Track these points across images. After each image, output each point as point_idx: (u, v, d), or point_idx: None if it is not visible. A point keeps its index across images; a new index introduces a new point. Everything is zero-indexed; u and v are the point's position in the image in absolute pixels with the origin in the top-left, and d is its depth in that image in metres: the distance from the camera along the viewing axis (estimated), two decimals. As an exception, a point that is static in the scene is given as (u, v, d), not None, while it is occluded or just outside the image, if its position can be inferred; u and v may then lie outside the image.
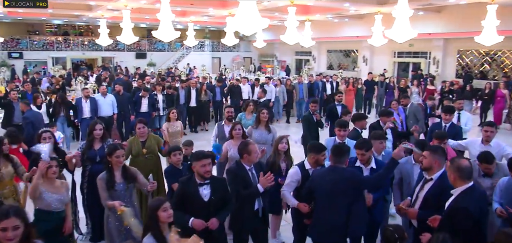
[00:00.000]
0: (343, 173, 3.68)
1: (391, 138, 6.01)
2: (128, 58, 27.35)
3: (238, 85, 12.18)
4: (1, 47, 24.02)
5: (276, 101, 12.47)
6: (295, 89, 12.72)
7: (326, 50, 26.13)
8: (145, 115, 9.45)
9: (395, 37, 11.09)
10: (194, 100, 10.95)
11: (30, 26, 27.67)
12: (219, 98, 11.66)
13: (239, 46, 31.42)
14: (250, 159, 3.97)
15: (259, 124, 5.91)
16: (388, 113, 6.27)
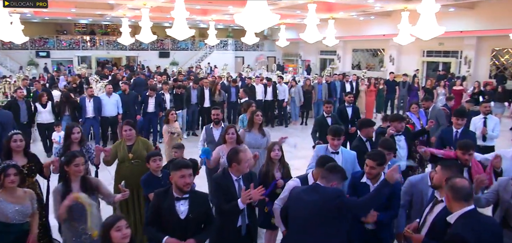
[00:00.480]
0: (326, 194, 2.99)
1: (404, 145, 5.35)
2: (152, 57, 27.47)
3: (252, 85, 11.70)
4: (30, 46, 24.59)
5: (292, 102, 11.94)
6: (314, 90, 12.14)
7: (351, 49, 25.27)
8: (152, 115, 9.21)
9: (420, 35, 10.43)
10: (208, 100, 10.59)
11: (58, 26, 28.29)
12: (234, 99, 11.18)
13: (263, 45, 31.02)
14: (239, 168, 3.51)
15: (252, 126, 5.47)
16: (399, 118, 5.53)
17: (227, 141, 4.67)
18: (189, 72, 21.80)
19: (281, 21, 22.58)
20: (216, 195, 3.51)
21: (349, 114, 7.58)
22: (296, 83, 12.09)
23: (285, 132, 11.26)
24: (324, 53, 27.41)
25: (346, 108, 7.65)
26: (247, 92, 10.13)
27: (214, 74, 22.36)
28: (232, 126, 4.79)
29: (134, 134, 4.73)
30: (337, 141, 4.25)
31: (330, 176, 3.08)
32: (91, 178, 3.73)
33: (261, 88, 11.64)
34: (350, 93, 8.07)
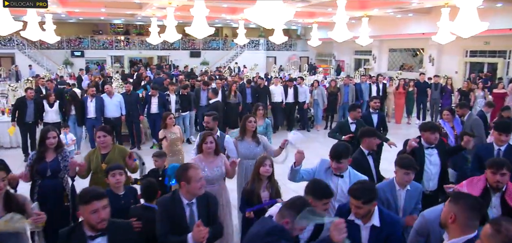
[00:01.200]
0: (262, 230, 2.35)
1: (437, 161, 4.31)
2: (183, 56, 27.42)
3: (265, 86, 10.96)
4: (65, 46, 25.21)
5: (315, 105, 11.12)
6: (340, 92, 11.26)
7: (388, 49, 23.92)
8: (156, 116, 8.77)
9: (459, 31, 9.34)
10: None
11: (94, 26, 28.89)
12: (250, 100, 10.50)
13: (296, 45, 30.21)
14: (189, 189, 2.83)
15: (245, 134, 4.82)
16: (433, 128, 4.41)
17: (204, 151, 4.03)
18: (214, 71, 21.45)
19: (313, 20, 21.76)
20: (161, 223, 2.84)
21: (375, 122, 6.65)
22: (318, 84, 11.22)
23: (307, 137, 10.52)
24: (358, 53, 26.19)
25: (371, 115, 6.74)
26: (216, 93, 9.30)
27: (241, 75, 21.91)
28: (210, 134, 4.12)
29: (110, 141, 4.20)
30: (336, 164, 3.39)
31: (285, 211, 2.41)
32: (18, 196, 3.18)
33: (280, 89, 10.90)
34: (376, 98, 6.99)
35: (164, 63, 26.93)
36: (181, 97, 9.30)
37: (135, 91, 9.52)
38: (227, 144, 4.82)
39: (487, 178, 3.24)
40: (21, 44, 23.22)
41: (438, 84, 12.16)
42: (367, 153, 4.18)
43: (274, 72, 21.85)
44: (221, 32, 32.27)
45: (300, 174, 3.46)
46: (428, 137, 4.32)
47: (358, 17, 19.74)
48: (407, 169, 3.36)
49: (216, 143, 4.06)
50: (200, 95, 9.92)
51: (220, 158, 4.10)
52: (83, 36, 26.19)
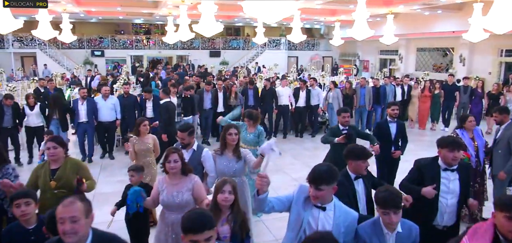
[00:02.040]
0: None
1: (456, 187, 3.37)
2: (202, 56, 27.01)
3: (271, 88, 10.16)
4: (86, 45, 25.28)
5: (329, 109, 10.26)
6: (356, 95, 10.36)
7: (415, 48, 22.59)
8: (151, 121, 8.17)
9: (493, 28, 8.48)
10: (221, 105, 9.39)
11: (116, 25, 28.90)
12: (252, 102, 9.74)
13: (319, 44, 29.23)
14: None
15: (225, 148, 4.10)
16: (453, 144, 3.36)
17: (168, 171, 3.34)
18: (233, 71, 20.83)
19: (335, 18, 20.79)
20: None
21: (392, 132, 5.65)
22: (334, 86, 10.34)
23: (317, 145, 9.72)
24: (384, 53, 24.94)
25: (389, 124, 5.69)
26: (166, 93, 8.29)
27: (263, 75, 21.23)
28: (175, 150, 3.39)
29: (61, 154, 3.58)
30: (314, 191, 2.59)
31: None
32: None
33: (287, 91, 10.09)
34: (394, 105, 5.87)
35: (181, 62, 26.63)
36: (183, 100, 8.66)
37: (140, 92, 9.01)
38: (205, 160, 4.11)
39: (497, 224, 2.32)
40: (43, 44, 23.36)
41: (467, 87, 11.04)
42: (354, 177, 3.35)
43: (292, 73, 20.98)
44: (242, 31, 31.69)
45: (270, 203, 2.70)
46: (445, 156, 3.36)
47: (383, 14, 18.68)
48: (384, 208, 2.56)
49: (182, 162, 3.36)
50: (204, 97, 9.27)
51: (189, 180, 3.39)
52: (104, 36, 26.19)
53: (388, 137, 5.62)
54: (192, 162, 3.99)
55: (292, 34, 16.04)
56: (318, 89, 10.48)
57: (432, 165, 3.44)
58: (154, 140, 5.21)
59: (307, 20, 24.20)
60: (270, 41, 27.97)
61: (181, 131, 4.10)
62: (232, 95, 9.50)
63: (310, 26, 29.94)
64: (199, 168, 4.11)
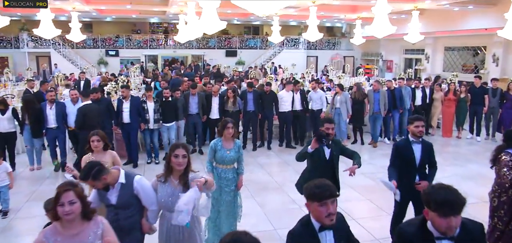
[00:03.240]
0: None
1: None
2: (218, 56, 26.27)
3: (271, 92, 9.13)
4: (101, 45, 24.98)
5: (336, 114, 9.11)
6: (368, 99, 9.17)
7: (443, 47, 20.96)
8: (129, 128, 7.41)
9: None
10: (216, 110, 8.46)
11: (132, 25, 28.54)
12: (252, 108, 8.70)
13: (340, 43, 27.90)
14: None
15: (170, 173, 3.15)
16: (447, 208, 2.08)
17: (61, 216, 2.38)
18: (246, 72, 19.91)
19: (356, 15, 19.51)
20: None
21: (417, 157, 4.14)
22: (341, 90, 9.18)
23: None
24: (409, 52, 23.38)
25: (412, 145, 4.16)
26: (85, 95, 7.13)
27: (278, 76, 20.19)
28: (70, 187, 2.39)
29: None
30: None
31: None
32: None
33: (290, 96, 9.02)
34: (418, 120, 4.20)
35: (195, 62, 25.98)
36: (163, 104, 7.74)
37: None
38: (139, 191, 3.14)
39: None
40: (57, 44, 23.20)
41: (496, 89, 9.64)
42: (318, 227, 2.28)
43: (308, 74, 19.84)
44: (261, 30, 30.74)
45: None
46: (437, 222, 2.12)
47: (408, 10, 17.29)
48: None
49: (83, 203, 2.42)
50: (189, 101, 8.29)
51: (95, 225, 2.47)
52: (119, 35, 25.83)
53: (411, 162, 4.14)
54: (123, 199, 3.07)
55: (308, 32, 14.97)
56: (321, 92, 9.34)
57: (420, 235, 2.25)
58: (113, 157, 4.28)
59: (327, 17, 22.98)
60: (288, 40, 26.90)
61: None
62: (230, 99, 8.54)
63: (331, 25, 28.66)
64: (136, 203, 3.17)
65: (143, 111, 7.53)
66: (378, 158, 8.37)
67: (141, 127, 7.52)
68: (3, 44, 23.35)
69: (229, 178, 4.33)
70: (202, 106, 8.39)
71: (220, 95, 8.63)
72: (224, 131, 4.24)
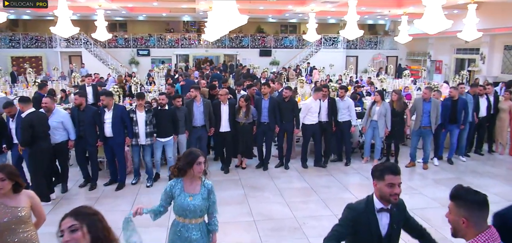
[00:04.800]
0: None
1: None
2: (252, 55, 25.06)
3: (291, 100, 7.33)
4: (132, 44, 24.57)
5: (370, 128, 7.50)
6: (416, 110, 7.43)
7: (503, 45, 18.47)
8: (113, 143, 6.21)
9: None
10: (225, 122, 7.02)
11: (166, 24, 28.00)
12: (266, 119, 7.12)
13: (383, 42, 25.82)
14: None
15: None
16: None
17: None
18: (278, 73, 18.49)
19: (402, 11, 17.57)
20: None
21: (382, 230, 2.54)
22: (382, 99, 7.44)
23: (345, 174, 7.10)
24: (461, 51, 20.97)
25: (376, 214, 2.52)
26: (26, 101, 5.75)
27: (313, 77, 18.64)
28: None
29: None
30: None
31: None
32: None
33: (318, 105, 7.47)
34: (395, 174, 2.44)
35: (228, 62, 24.93)
36: (156, 114, 6.45)
37: None
38: None
39: None
40: (88, 43, 22.99)
41: None
42: None
43: (346, 76, 18.12)
44: (298, 28, 29.21)
45: None
46: None
47: (462, 5, 15.24)
48: None
49: None
50: (193, 110, 6.87)
51: None
52: (151, 34, 25.30)
53: None
54: None
55: (347, 29, 13.43)
56: (349, 101, 7.74)
57: None
58: (30, 199, 3.02)
59: (369, 13, 21.10)
60: (326, 39, 25.21)
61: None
62: (241, 109, 7.06)
63: (373, 22, 26.62)
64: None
65: (130, 123, 6.25)
66: (429, 186, 6.61)
67: (126, 141, 6.31)
68: (38, 43, 23.49)
69: (193, 238, 2.98)
70: (209, 117, 6.98)
71: (230, 104, 7.14)
72: (191, 167, 2.93)
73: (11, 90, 12.89)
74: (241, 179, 6.86)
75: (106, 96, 6.21)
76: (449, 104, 7.65)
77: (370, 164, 7.62)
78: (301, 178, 6.96)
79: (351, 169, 7.47)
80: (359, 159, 8.03)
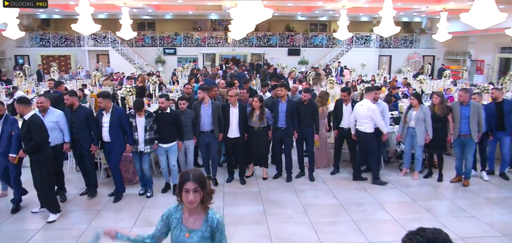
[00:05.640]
0: None
1: None
2: (280, 54, 24.30)
3: (310, 102, 6.43)
4: (159, 43, 24.33)
5: (408, 136, 6.54)
6: (454, 113, 6.45)
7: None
8: (111, 148, 5.61)
9: None
10: (235, 127, 6.22)
11: (193, 22, 27.65)
12: (284, 124, 6.30)
13: (419, 41, 24.40)
14: None
15: None
16: None
17: None
18: (306, 73, 17.59)
19: (441, 6, 16.31)
20: None
21: None
22: (419, 102, 6.43)
23: (380, 188, 6.17)
24: (507, 50, 19.35)
25: None
26: None
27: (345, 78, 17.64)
28: None
29: None
30: None
31: None
32: None
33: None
34: None
35: (255, 60, 24.25)
36: (158, 117, 5.78)
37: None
38: None
39: None
40: (115, 42, 22.91)
41: None
42: None
43: (380, 76, 17.01)
44: (328, 27, 28.16)
45: None
46: None
47: (509, 0, 13.89)
48: None
49: None
50: (200, 113, 6.15)
51: None
52: (177, 33, 24.98)
53: None
54: None
55: (381, 26, 12.48)
56: (383, 104, 6.80)
57: None
58: None
59: (405, 10, 19.84)
60: (358, 38, 24.07)
61: None
62: (255, 112, 6.27)
63: (409, 19, 25.21)
64: None
65: (130, 128, 5.65)
66: (481, 207, 5.54)
67: (126, 148, 5.70)
68: (67, 42, 23.65)
69: None
70: (219, 120, 6.23)
71: (240, 106, 6.31)
72: (180, 194, 2.24)
73: (33, 89, 12.69)
74: (261, 192, 6.09)
75: (103, 98, 5.57)
76: (493, 108, 6.59)
77: (409, 177, 6.68)
78: (330, 192, 6.11)
79: (388, 182, 6.57)
80: (397, 170, 7.09)
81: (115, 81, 14.42)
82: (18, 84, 12.97)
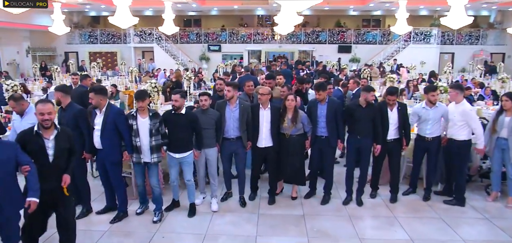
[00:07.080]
0: None
1: None
2: (330, 51, 22.90)
3: (371, 105, 5.01)
4: (204, 40, 23.78)
5: (497, 149, 4.94)
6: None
7: None
8: (103, 155, 4.52)
9: None
10: (266, 134, 4.94)
11: (239, 18, 26.88)
12: (324, 133, 4.98)
13: (486, 37, 21.92)
14: None
15: None
16: None
17: None
18: (359, 72, 16.02)
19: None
20: None
21: None
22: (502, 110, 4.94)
23: (463, 215, 4.68)
24: None
25: None
26: None
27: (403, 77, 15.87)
28: None
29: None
30: None
31: None
32: None
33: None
34: None
35: (303, 58, 22.91)
36: (169, 119, 4.66)
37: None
38: None
39: None
40: (159, 38, 22.61)
41: None
42: None
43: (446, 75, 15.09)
44: (382, 22, 26.22)
45: None
46: None
47: None
48: None
49: None
50: (224, 114, 4.92)
51: None
52: (223, 29, 24.27)
53: None
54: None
55: (449, 17, 10.85)
56: (442, 106, 5.28)
57: None
58: None
59: (472, 1, 17.67)
60: (417, 33, 22.03)
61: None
62: (287, 114, 4.96)
63: (474, 13, 22.70)
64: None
65: (127, 132, 4.50)
66: None
67: (124, 156, 4.58)
68: (113, 39, 23.74)
69: None
70: (247, 125, 4.97)
71: (273, 108, 4.99)
72: None
73: (71, 85, 12.31)
74: (305, 217, 4.83)
75: (96, 94, 4.40)
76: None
77: (500, 204, 5.17)
78: (396, 220, 4.77)
79: (472, 209, 5.06)
80: (483, 193, 5.60)
81: (155, 78, 13.86)
82: (58, 80, 12.67)
